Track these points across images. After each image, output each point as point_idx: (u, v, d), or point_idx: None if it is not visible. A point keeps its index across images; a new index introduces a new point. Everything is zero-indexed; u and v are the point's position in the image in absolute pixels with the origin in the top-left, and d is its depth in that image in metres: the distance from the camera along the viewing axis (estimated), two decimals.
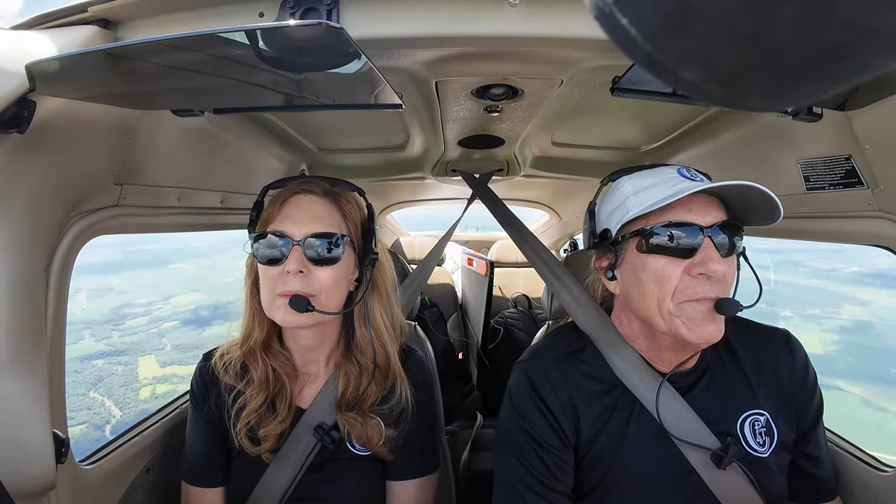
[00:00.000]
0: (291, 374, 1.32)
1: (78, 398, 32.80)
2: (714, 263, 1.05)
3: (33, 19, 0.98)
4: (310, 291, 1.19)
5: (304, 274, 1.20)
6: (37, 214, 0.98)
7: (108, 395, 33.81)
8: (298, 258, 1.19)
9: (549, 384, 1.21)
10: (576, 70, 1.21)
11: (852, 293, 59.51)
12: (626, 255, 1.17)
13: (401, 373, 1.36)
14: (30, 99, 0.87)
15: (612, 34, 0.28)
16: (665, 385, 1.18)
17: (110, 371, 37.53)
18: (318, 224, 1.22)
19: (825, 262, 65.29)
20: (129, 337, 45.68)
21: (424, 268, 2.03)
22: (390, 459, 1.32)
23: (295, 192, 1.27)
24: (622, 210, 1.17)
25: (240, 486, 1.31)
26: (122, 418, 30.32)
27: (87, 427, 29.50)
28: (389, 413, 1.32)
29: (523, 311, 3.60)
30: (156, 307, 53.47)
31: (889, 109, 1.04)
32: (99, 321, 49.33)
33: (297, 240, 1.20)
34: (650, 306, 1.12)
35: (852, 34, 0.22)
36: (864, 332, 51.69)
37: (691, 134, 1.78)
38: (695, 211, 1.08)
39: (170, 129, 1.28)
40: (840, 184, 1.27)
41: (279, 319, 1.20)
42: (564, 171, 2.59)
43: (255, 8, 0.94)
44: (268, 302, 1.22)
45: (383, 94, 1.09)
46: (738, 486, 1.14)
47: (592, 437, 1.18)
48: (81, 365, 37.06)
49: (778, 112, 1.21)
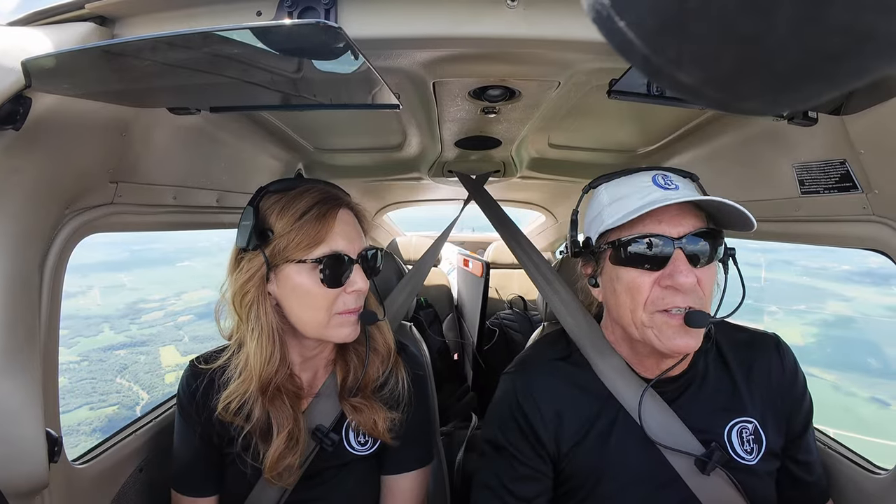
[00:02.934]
0: (298, 392, 1.27)
1: (106, 383, 35.96)
2: (681, 276, 1.05)
3: (30, 16, 0.98)
4: (362, 304, 1.22)
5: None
6: (31, 212, 0.97)
7: (135, 380, 36.27)
8: (362, 276, 1.20)
9: (532, 399, 1.23)
10: (573, 72, 1.21)
11: (839, 290, 62.22)
12: (604, 265, 1.18)
13: (397, 358, 1.37)
14: (25, 95, 0.87)
15: (609, 37, 0.28)
16: (650, 392, 1.19)
17: (133, 360, 40.31)
18: (362, 239, 1.24)
19: (816, 260, 67.95)
20: (148, 330, 48.05)
21: (420, 269, 2.02)
22: (389, 448, 1.32)
23: (336, 206, 1.21)
24: (599, 220, 1.18)
25: (233, 492, 1.29)
26: (150, 400, 32.18)
27: (118, 408, 32.29)
28: (390, 396, 1.33)
29: (519, 312, 3.60)
30: (169, 303, 55.32)
31: (884, 114, 1.05)
32: (115, 316, 51.57)
33: (355, 257, 1.20)
34: (624, 315, 1.14)
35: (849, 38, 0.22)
36: (845, 326, 54.89)
37: (687, 137, 1.79)
38: (665, 222, 1.08)
39: (166, 127, 1.28)
40: (835, 188, 1.27)
41: (343, 336, 1.21)
42: (561, 172, 2.60)
43: (252, 6, 0.93)
44: (320, 322, 1.19)
45: (380, 95, 1.09)
46: (724, 493, 1.14)
47: (574, 445, 1.19)
48: (105, 355, 39.99)
49: (774, 116, 1.22)
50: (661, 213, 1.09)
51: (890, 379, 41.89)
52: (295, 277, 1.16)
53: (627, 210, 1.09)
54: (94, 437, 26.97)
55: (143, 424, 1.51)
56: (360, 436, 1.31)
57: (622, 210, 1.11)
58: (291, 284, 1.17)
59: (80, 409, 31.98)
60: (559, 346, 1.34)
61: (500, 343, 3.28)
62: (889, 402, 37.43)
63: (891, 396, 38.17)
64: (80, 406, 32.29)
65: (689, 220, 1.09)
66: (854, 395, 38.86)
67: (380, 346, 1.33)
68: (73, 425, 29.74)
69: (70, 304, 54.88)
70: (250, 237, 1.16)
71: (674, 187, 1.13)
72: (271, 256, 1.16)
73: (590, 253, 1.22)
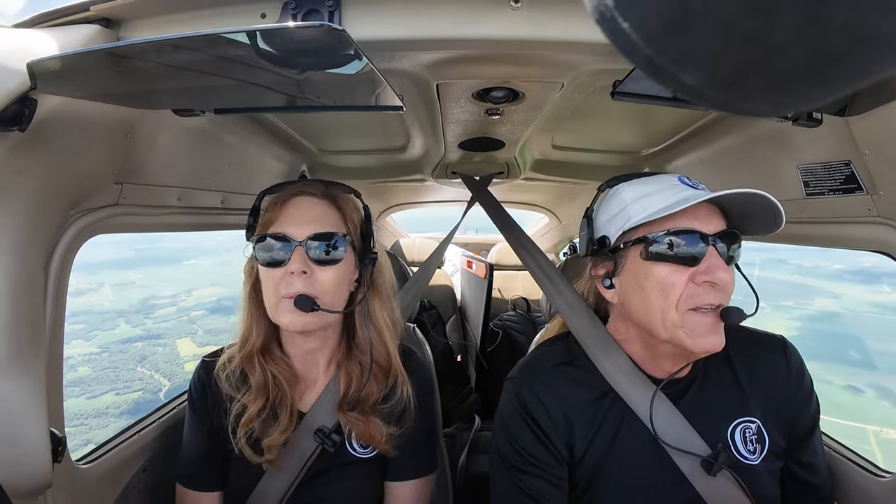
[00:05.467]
0: (292, 380, 1.30)
1: (128, 371, 39.35)
2: (720, 272, 1.05)
3: (35, 17, 0.98)
4: (313, 293, 1.19)
5: (308, 275, 1.19)
6: (36, 213, 0.98)
7: (156, 369, 39.03)
8: (301, 259, 1.19)
9: (539, 402, 1.20)
10: (576, 73, 1.21)
11: (829, 288, 64.71)
12: (626, 263, 1.16)
13: (402, 372, 1.35)
14: (31, 97, 0.87)
15: (612, 38, 0.28)
16: (658, 393, 1.18)
17: (152, 351, 43.04)
18: (318, 225, 1.22)
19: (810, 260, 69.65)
20: (162, 324, 51.03)
21: (425, 272, 2.02)
22: (392, 457, 1.32)
23: (294, 194, 1.27)
24: (622, 217, 1.16)
25: (236, 489, 1.30)
26: (171, 387, 34.67)
27: (142, 393, 35.29)
28: (391, 412, 1.32)
29: (522, 314, 3.60)
30: (180, 299, 58.02)
31: (889, 115, 1.04)
32: (130, 311, 54.58)
33: (299, 241, 1.19)
34: (653, 315, 1.11)
35: (852, 39, 0.22)
36: (829, 321, 57.48)
37: (691, 138, 1.78)
38: (700, 219, 1.08)
39: (170, 128, 1.28)
40: (839, 189, 1.27)
41: (285, 322, 1.20)
42: (564, 174, 2.60)
43: (257, 9, 0.94)
44: (272, 306, 1.21)
45: (384, 96, 1.09)
46: (730, 494, 1.14)
47: (585, 448, 1.18)
48: (124, 346, 43.07)
49: (778, 117, 1.21)
50: (696, 210, 1.08)
51: (868, 369, 44.21)
52: (254, 258, 1.26)
53: (658, 206, 1.09)
54: (122, 419, 29.35)
55: (147, 424, 1.52)
56: (362, 439, 1.31)
57: (653, 206, 1.10)
58: (253, 264, 1.28)
59: (106, 394, 34.68)
60: (562, 350, 1.33)
61: (504, 345, 3.28)
62: (864, 390, 39.65)
63: (865, 384, 40.43)
64: (106, 392, 35.01)
65: (717, 220, 1.10)
66: (830, 382, 40.87)
67: (381, 359, 1.32)
68: (101, 408, 32.19)
69: (83, 301, 57.79)
70: (248, 229, 1.29)
71: (701, 187, 1.13)
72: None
73: (607, 252, 1.20)
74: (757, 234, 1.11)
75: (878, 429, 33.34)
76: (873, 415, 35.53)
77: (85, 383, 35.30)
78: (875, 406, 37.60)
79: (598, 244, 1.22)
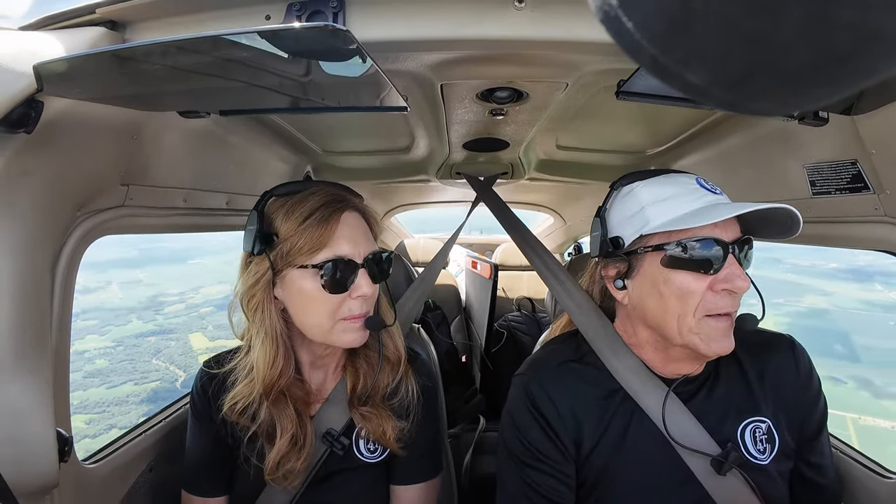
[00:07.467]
0: (305, 397, 1.27)
1: (144, 363, 40.65)
2: (739, 280, 1.05)
3: (41, 20, 0.99)
4: (369, 309, 1.20)
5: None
6: (43, 214, 0.99)
7: (171, 361, 40.45)
8: (368, 282, 1.18)
9: (548, 398, 1.20)
10: (581, 73, 1.20)
11: (820, 286, 65.13)
12: (643, 267, 1.14)
13: (407, 366, 1.36)
14: (37, 99, 0.88)
15: (617, 37, 0.28)
16: (670, 392, 1.18)
17: (165, 345, 44.44)
18: (369, 242, 1.22)
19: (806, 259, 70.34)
20: (173, 319, 52.38)
21: (430, 272, 2.02)
22: (397, 461, 1.32)
23: (340, 209, 1.19)
24: (640, 219, 1.14)
25: (242, 494, 1.30)
26: (187, 377, 36.35)
27: (159, 383, 36.67)
28: (399, 405, 1.32)
29: (527, 314, 3.59)
30: (188, 296, 58.99)
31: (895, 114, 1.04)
32: (139, 308, 56.27)
33: (360, 262, 1.17)
34: (669, 320, 1.10)
35: (857, 38, 0.22)
36: (818, 317, 58.35)
37: (697, 138, 1.77)
38: (720, 227, 1.07)
39: (176, 130, 1.29)
40: (846, 188, 1.26)
41: (348, 341, 1.19)
42: (569, 174, 2.59)
43: (261, 11, 0.94)
44: (325, 328, 1.17)
45: (388, 97, 1.09)
46: (739, 493, 1.13)
47: (593, 446, 1.18)
48: (137, 340, 44.66)
49: (783, 116, 1.21)
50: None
51: (851, 362, 44.75)
52: (298, 282, 1.15)
53: (680, 213, 1.08)
54: (142, 407, 30.76)
55: (153, 424, 1.53)
56: (370, 443, 1.31)
57: (673, 212, 1.09)
58: (296, 289, 1.16)
59: (124, 384, 36.34)
60: (571, 348, 1.33)
61: (509, 345, 3.27)
62: (845, 381, 40.30)
63: (847, 376, 41.06)
64: (124, 382, 36.64)
65: (735, 227, 1.10)
66: None
67: (390, 353, 1.31)
68: (121, 397, 33.82)
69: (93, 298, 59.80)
70: (255, 242, 1.16)
71: (718, 191, 1.13)
72: (276, 261, 1.15)
73: (622, 253, 1.18)
74: (771, 239, 1.11)
75: (857, 416, 34.32)
76: (853, 403, 36.54)
77: (104, 374, 36.73)
78: (855, 395, 38.60)
79: (612, 245, 1.20)
